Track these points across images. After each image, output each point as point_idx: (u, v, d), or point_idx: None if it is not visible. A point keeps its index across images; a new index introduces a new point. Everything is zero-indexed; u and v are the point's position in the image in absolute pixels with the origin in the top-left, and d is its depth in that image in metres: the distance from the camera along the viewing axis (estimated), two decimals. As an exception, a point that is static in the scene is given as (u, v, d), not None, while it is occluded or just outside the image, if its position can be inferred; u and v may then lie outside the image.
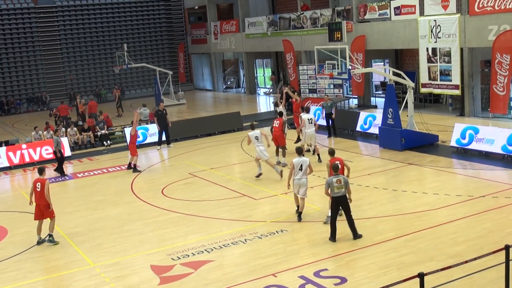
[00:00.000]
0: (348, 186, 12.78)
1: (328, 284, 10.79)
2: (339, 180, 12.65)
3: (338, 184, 12.63)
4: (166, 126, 25.56)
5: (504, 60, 23.53)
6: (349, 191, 12.82)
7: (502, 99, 24.10)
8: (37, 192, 14.37)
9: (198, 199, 17.31)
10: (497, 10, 23.84)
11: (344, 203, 12.75)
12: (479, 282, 10.23)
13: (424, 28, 26.91)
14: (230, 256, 12.60)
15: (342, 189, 12.64)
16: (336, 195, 12.67)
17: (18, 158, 24.33)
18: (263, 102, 39.45)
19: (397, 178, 17.82)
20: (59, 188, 20.43)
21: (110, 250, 13.68)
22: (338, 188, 12.63)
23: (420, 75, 27.75)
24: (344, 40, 24.02)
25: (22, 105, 44.02)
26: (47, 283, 12.06)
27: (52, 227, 14.47)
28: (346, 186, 12.72)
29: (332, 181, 12.68)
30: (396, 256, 11.78)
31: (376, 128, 23.03)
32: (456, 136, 20.43)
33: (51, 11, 44.98)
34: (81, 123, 28.89)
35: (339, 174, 12.85)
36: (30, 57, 44.53)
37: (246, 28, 41.52)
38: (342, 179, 12.68)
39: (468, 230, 12.89)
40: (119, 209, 16.98)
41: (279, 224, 14.26)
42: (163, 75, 40.86)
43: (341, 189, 12.64)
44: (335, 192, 12.66)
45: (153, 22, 48.69)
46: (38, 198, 14.38)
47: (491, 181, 16.57)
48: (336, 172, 12.87)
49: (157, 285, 11.44)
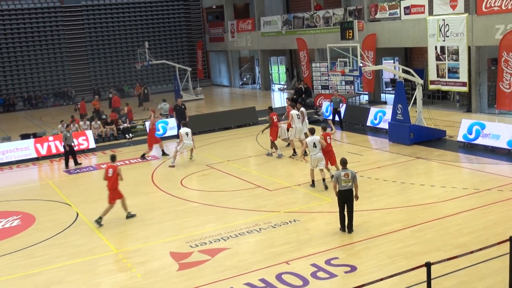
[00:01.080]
0: (355, 181, 12.67)
1: (339, 272, 10.79)
2: (346, 174, 12.56)
3: (346, 178, 12.54)
4: (184, 120, 25.60)
5: (510, 58, 23.29)
6: (356, 186, 12.70)
7: (508, 96, 23.87)
8: (110, 178, 14.76)
9: (215, 189, 17.36)
10: (504, 10, 23.58)
11: (350, 196, 12.65)
12: (484, 271, 10.18)
13: (433, 27, 26.69)
14: (245, 244, 12.64)
15: (349, 183, 12.56)
16: (343, 188, 12.58)
17: (45, 150, 24.54)
18: (278, 97, 39.39)
19: (406, 171, 17.74)
20: (84, 178, 20.60)
21: (132, 237, 13.79)
22: (345, 182, 12.54)
23: (429, 72, 27.54)
24: (356, 38, 23.96)
25: (49, 99, 44.36)
26: (73, 268, 12.18)
27: (125, 205, 15.03)
28: (354, 181, 12.62)
29: (340, 174, 12.61)
30: (404, 246, 11.74)
31: (386, 123, 22.92)
32: (463, 132, 20.28)
33: (77, 10, 45.22)
34: (104, 116, 29.04)
35: (347, 168, 12.76)
36: (56, 54, 44.80)
37: (262, 26, 41.43)
38: (350, 173, 12.59)
39: (474, 222, 12.82)
40: (140, 199, 17.08)
41: (292, 214, 14.27)
42: (182, 72, 40.95)
43: (348, 183, 12.55)
44: (342, 186, 12.58)
45: (172, 21, 48.77)
46: (112, 183, 14.81)
47: (496, 175, 16.44)
48: (344, 166, 12.79)
49: (176, 271, 11.52)
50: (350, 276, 10.58)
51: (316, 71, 33.14)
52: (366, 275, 10.39)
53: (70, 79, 45.31)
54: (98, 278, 11.55)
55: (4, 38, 43.09)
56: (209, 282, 10.81)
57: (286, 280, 10.58)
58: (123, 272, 11.73)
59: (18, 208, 17.12)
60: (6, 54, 43.30)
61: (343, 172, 12.60)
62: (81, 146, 25.24)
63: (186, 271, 11.45)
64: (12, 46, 43.39)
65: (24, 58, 43.86)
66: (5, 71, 43.53)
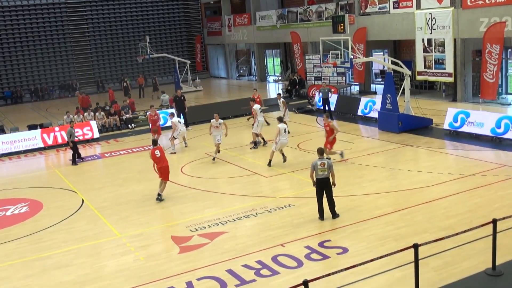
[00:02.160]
0: (331, 169, 12.50)
1: (331, 253, 10.83)
2: (322, 163, 12.38)
3: (322, 167, 12.37)
4: (183, 111, 25.60)
5: (493, 50, 23.27)
6: (332, 174, 12.52)
7: (492, 86, 23.88)
8: (158, 158, 15.17)
9: (214, 176, 17.36)
10: (488, 3, 23.52)
11: (327, 184, 12.48)
12: (468, 252, 10.22)
13: (420, 21, 26.61)
14: (243, 228, 12.66)
15: (325, 171, 12.38)
16: (320, 177, 12.44)
17: (51, 140, 24.47)
18: (273, 88, 39.29)
19: (395, 158, 17.75)
20: (89, 166, 20.57)
21: (135, 222, 13.79)
22: (322, 171, 12.38)
23: (416, 64, 27.51)
24: (347, 31, 23.88)
25: (54, 91, 44.16)
26: (79, 252, 12.19)
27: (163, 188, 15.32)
28: (330, 169, 12.44)
29: (317, 163, 12.45)
30: (393, 229, 11.78)
31: (376, 112, 22.91)
32: (449, 120, 20.29)
33: (80, 6, 44.90)
34: (108, 108, 28.93)
35: (324, 157, 12.62)
36: (61, 48, 44.54)
37: (257, 21, 41.25)
38: (326, 163, 12.41)
39: (459, 205, 12.86)
40: (143, 186, 17.07)
41: (287, 200, 14.30)
42: (181, 64, 40.80)
43: (324, 171, 12.37)
44: (319, 174, 12.42)
45: (172, 15, 48.52)
46: (161, 162, 15.19)
47: (480, 161, 16.47)
48: (321, 155, 12.66)
49: (177, 254, 11.54)
50: (342, 257, 10.61)
51: (309, 63, 33.05)
52: (357, 256, 10.43)
53: (75, 72, 45.10)
54: (103, 261, 11.56)
55: (12, 33, 42.81)
56: (209, 264, 10.83)
57: (282, 262, 10.61)
58: (127, 255, 11.74)
59: (26, 196, 17.10)
60: (14, 48, 43.03)
61: (319, 161, 12.41)
62: (86, 136, 25.20)
63: (187, 254, 11.47)
64: (19, 41, 43.12)
65: (30, 52, 43.60)
66: (12, 65, 43.29)
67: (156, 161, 15.33)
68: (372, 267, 9.51)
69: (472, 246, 10.36)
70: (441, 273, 9.55)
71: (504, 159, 16.60)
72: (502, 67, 25.18)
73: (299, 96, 32.52)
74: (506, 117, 18.50)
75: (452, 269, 9.67)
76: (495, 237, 9.23)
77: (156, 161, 15.33)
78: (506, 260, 9.71)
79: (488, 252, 9.51)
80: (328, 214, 12.68)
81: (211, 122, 19.41)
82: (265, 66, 44.79)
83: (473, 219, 11.74)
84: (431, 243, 9.02)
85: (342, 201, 13.55)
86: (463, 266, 9.73)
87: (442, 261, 9.97)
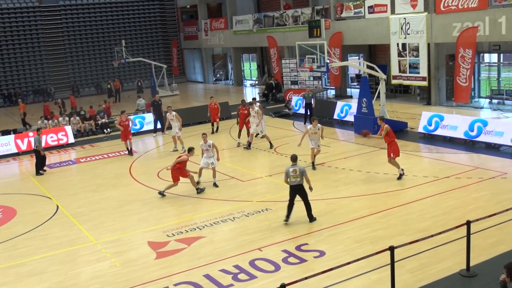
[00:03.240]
0: (305, 175, 12.50)
1: (309, 257, 10.85)
2: (294, 170, 12.40)
3: (294, 174, 12.39)
4: (160, 115, 25.48)
5: (466, 54, 23.65)
6: (307, 179, 12.54)
7: (465, 90, 24.25)
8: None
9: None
10: (461, 9, 23.91)
11: (300, 191, 12.49)
12: (443, 254, 10.34)
13: (395, 25, 26.92)
14: (220, 233, 12.61)
15: (298, 178, 12.38)
16: (293, 183, 12.47)
17: (25, 145, 24.08)
18: (250, 92, 39.31)
19: (371, 161, 17.89)
20: (64, 172, 20.29)
21: (111, 228, 13.64)
22: (294, 178, 12.41)
23: (391, 68, 27.80)
24: (323, 36, 24.06)
25: (28, 96, 43.51)
26: (54, 258, 12.00)
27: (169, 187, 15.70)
28: (303, 176, 12.43)
29: (289, 170, 12.46)
30: (370, 231, 11.85)
31: (352, 116, 23.08)
32: (423, 123, 20.53)
33: (55, 9, 44.38)
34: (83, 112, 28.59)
35: (296, 164, 12.59)
36: (36, 52, 43.98)
37: (234, 25, 41.27)
38: (298, 169, 12.40)
39: (434, 208, 13.00)
40: (119, 191, 16.91)
41: (264, 204, 14.29)
42: (158, 69, 40.55)
43: (297, 178, 12.38)
44: (291, 181, 12.46)
45: (148, 20, 48.26)
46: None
47: (454, 164, 16.69)
48: (294, 162, 12.65)
49: (154, 260, 11.44)
50: (319, 260, 10.64)
51: (286, 67, 33.16)
52: (334, 259, 10.47)
53: (49, 77, 44.53)
54: (78, 268, 11.40)
55: (-16, 37, 42.15)
56: (186, 269, 10.76)
57: (259, 266, 10.59)
58: (103, 261, 11.60)
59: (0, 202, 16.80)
60: (-14, 52, 42.36)
61: (291, 168, 12.44)
62: (61, 141, 24.87)
63: (164, 259, 11.38)
64: (-9, 45, 42.47)
65: (4, 56, 42.93)
66: (-15, 69, 42.61)
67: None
68: (348, 270, 9.56)
69: (447, 248, 10.48)
70: (417, 275, 9.64)
71: (477, 161, 16.85)
72: (475, 71, 25.63)
73: (275, 100, 32.61)
74: (479, 120, 18.79)
75: (428, 270, 9.77)
76: (469, 239, 9.36)
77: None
78: (480, 261, 9.85)
79: (462, 254, 9.63)
80: (304, 218, 12.71)
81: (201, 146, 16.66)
82: (242, 70, 44.81)
83: (448, 221, 11.87)
84: (407, 245, 9.10)
85: (319, 204, 13.60)
86: (438, 268, 9.83)
87: (417, 263, 10.06)
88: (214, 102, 24.86)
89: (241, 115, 21.83)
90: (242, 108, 21.74)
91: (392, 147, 15.42)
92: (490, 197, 13.36)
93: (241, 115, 21.77)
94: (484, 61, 26.91)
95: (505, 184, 14.36)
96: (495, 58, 26.39)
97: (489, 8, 22.75)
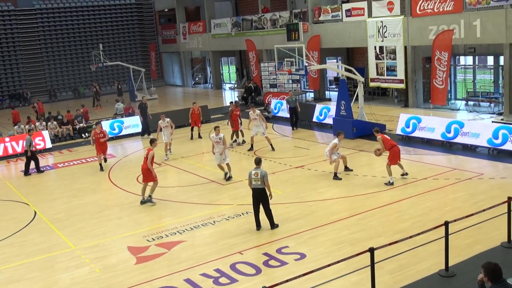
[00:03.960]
0: (266, 180, 12.35)
1: (289, 259, 10.88)
2: (256, 173, 12.39)
3: (255, 177, 12.37)
4: (146, 118, 25.52)
5: (442, 57, 23.96)
6: (267, 185, 12.42)
7: (442, 92, 24.56)
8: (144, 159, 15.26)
9: (171, 185, 17.20)
10: (436, 12, 24.23)
11: (261, 195, 12.36)
12: (422, 254, 10.45)
13: (372, 29, 27.17)
14: (201, 237, 12.57)
15: (259, 182, 12.33)
16: (254, 187, 12.44)
17: (1, 151, 23.73)
18: (229, 96, 39.29)
19: (350, 163, 17.94)
20: (42, 177, 20.04)
21: (90, 233, 13.51)
22: (255, 181, 12.38)
23: (369, 70, 28.04)
24: (301, 39, 24.17)
25: (4, 101, 42.89)
26: (32, 265, 11.84)
27: (153, 189, 15.25)
28: (263, 180, 12.33)
29: (251, 173, 12.47)
30: (349, 233, 11.93)
31: (331, 119, 23.20)
32: (401, 125, 20.74)
33: (31, 13, 43.83)
34: (61, 117, 28.30)
35: (259, 168, 12.56)
36: (11, 56, 43.35)
37: (212, 28, 41.23)
38: (259, 173, 12.36)
39: (412, 209, 13.13)
40: (98, 196, 16.76)
41: (244, 207, 14.28)
42: (136, 72, 40.35)
43: (258, 181, 12.33)
44: (253, 184, 12.44)
45: (126, 23, 47.93)
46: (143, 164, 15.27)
47: (432, 165, 16.89)
48: (257, 165, 12.67)
49: (134, 265, 11.36)
50: (300, 263, 10.67)
51: (265, 71, 33.25)
52: (314, 262, 10.51)
53: (26, 81, 43.96)
54: (57, 275, 11.26)
55: (-42, 41, 41.42)
56: (166, 274, 10.70)
57: (240, 270, 10.58)
58: (82, 267, 11.48)
59: (-24, 209, 16.51)
60: (-40, 57, 41.63)
61: (253, 171, 12.45)
62: (38, 146, 24.49)
63: (144, 264, 11.31)
64: (-34, 49, 41.76)
65: (-22, 61, 42.29)
66: (-41, 73, 41.87)
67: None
68: (329, 272, 9.61)
69: (425, 249, 10.59)
70: (396, 276, 9.73)
71: (455, 162, 17.08)
72: (451, 74, 25.97)
73: (255, 103, 32.59)
74: (456, 122, 19.05)
75: (407, 271, 9.87)
76: (447, 239, 9.48)
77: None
78: (458, 261, 9.98)
79: (441, 254, 9.74)
80: (284, 221, 12.73)
81: (211, 138, 17.25)
82: (221, 73, 44.79)
83: (426, 222, 11.99)
84: (386, 246, 9.18)
85: (299, 207, 13.66)
86: (417, 268, 9.93)
87: (397, 264, 10.15)
88: (197, 107, 24.73)
89: (233, 116, 21.72)
90: (235, 109, 21.70)
91: (391, 154, 15.36)
92: (467, 198, 13.55)
93: (233, 116, 21.68)
94: (460, 63, 27.31)
95: (481, 184, 14.57)
96: (471, 60, 26.82)
97: (464, 11, 23.10)
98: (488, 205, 11.00)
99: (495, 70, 25.47)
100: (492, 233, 11.08)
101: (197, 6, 47.53)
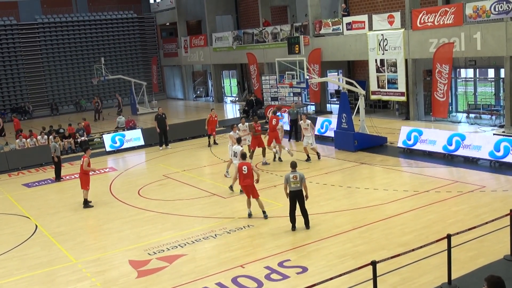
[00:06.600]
0: (304, 182, 12.92)
1: (291, 273, 10.82)
2: (295, 176, 12.82)
3: (294, 180, 12.80)
4: (165, 129, 25.44)
5: (443, 69, 24.01)
6: (304, 187, 12.97)
7: (443, 104, 24.57)
8: (244, 175, 14.18)
9: (172, 198, 17.17)
10: (437, 25, 24.32)
11: (299, 196, 12.94)
12: (425, 268, 10.38)
13: (372, 42, 27.26)
14: (202, 250, 12.53)
15: (298, 184, 12.82)
16: (292, 189, 12.87)
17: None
18: (230, 109, 39.39)
19: (351, 176, 17.98)
20: (43, 191, 20.03)
21: (91, 247, 13.47)
22: (294, 183, 12.81)
23: (370, 83, 28.09)
24: (302, 52, 24.21)
25: (6, 114, 42.99)
26: (32, 279, 11.79)
27: (261, 204, 14.32)
28: (302, 182, 12.86)
29: (289, 176, 12.85)
30: (352, 246, 11.88)
31: (332, 132, 23.21)
32: (403, 138, 20.73)
33: (33, 27, 44.10)
34: (62, 130, 28.34)
35: (296, 171, 12.97)
36: (13, 70, 43.55)
37: (214, 42, 41.42)
38: (298, 175, 12.83)
39: (415, 222, 13.09)
40: (99, 210, 16.73)
41: (246, 220, 14.24)
42: (138, 86, 40.46)
43: (297, 184, 12.81)
44: (291, 187, 12.85)
45: (128, 37, 48.17)
46: (244, 179, 14.21)
47: (434, 177, 16.86)
48: (294, 169, 13.02)
49: (135, 278, 11.31)
50: (302, 276, 10.61)
51: (266, 84, 33.33)
52: (316, 275, 10.45)
53: (28, 95, 44.11)
54: (58, 289, 11.21)
55: (-40, 55, 41.61)
56: (168, 288, 10.65)
57: (242, 283, 10.53)
58: (83, 281, 11.42)
59: (-23, 222, 16.48)
60: (-38, 71, 41.79)
61: (291, 174, 12.87)
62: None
63: (145, 278, 11.25)
64: (-32, 63, 41.94)
65: (-20, 74, 42.44)
66: (-39, 87, 42.01)
67: (241, 177, 14.38)
68: (331, 285, 9.53)
69: (428, 262, 10.54)
70: (399, 289, 9.67)
71: (456, 175, 17.05)
72: (452, 86, 26.02)
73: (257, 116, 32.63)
74: (457, 135, 19.03)
75: (410, 285, 9.81)
76: (450, 252, 9.43)
77: (241, 177, 14.38)
78: (461, 274, 9.92)
79: (443, 267, 9.69)
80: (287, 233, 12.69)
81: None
82: (222, 87, 44.89)
83: (429, 235, 11.95)
84: (389, 259, 9.13)
85: (301, 220, 13.59)
86: (420, 282, 9.87)
87: (399, 277, 10.09)
88: (215, 114, 24.83)
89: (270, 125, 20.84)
90: (256, 125, 20.47)
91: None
92: (469, 211, 13.50)
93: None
94: (461, 76, 27.37)
95: (483, 197, 14.53)
96: (471, 73, 26.88)
97: (464, 24, 23.19)
98: (490, 218, 10.97)
99: (496, 82, 25.51)
100: (495, 246, 11.03)
101: (199, 20, 47.78)
